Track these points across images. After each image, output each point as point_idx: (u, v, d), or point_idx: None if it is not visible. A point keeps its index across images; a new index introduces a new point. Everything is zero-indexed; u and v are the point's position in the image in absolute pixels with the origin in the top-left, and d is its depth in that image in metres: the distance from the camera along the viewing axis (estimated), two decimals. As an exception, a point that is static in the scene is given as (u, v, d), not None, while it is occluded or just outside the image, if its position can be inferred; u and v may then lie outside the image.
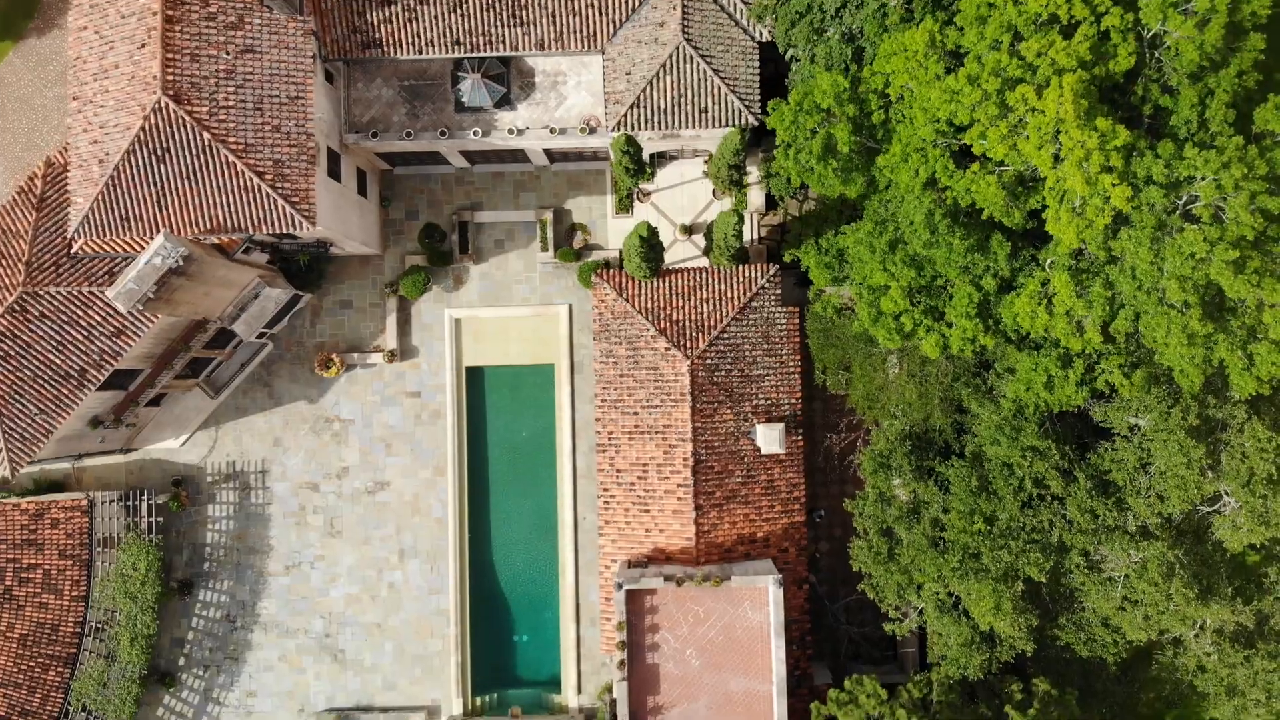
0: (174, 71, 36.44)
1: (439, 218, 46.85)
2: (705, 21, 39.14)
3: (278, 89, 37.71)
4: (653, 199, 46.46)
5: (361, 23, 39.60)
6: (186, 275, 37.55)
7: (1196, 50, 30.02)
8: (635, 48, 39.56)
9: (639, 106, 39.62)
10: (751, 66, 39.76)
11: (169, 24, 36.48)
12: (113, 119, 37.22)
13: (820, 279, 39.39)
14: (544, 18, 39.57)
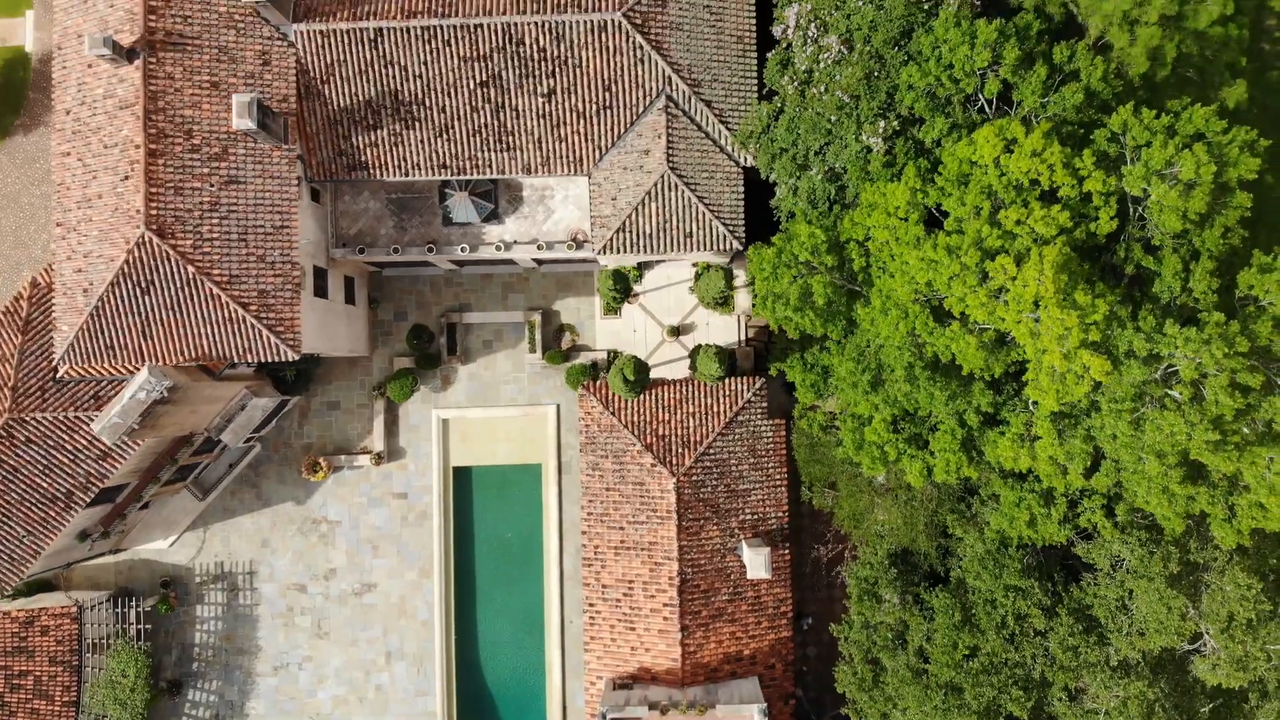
0: (157, 206, 36.40)
1: (427, 319, 46.88)
2: (690, 149, 39.10)
3: (263, 219, 37.68)
4: (640, 300, 46.48)
5: (347, 146, 39.52)
6: (172, 402, 37.66)
7: (1180, 219, 30.08)
8: (621, 174, 39.52)
9: (624, 231, 39.63)
10: (736, 192, 39.75)
11: (152, 157, 36.42)
12: (96, 249, 37.18)
13: (805, 397, 39.50)
14: (530, 143, 39.50)
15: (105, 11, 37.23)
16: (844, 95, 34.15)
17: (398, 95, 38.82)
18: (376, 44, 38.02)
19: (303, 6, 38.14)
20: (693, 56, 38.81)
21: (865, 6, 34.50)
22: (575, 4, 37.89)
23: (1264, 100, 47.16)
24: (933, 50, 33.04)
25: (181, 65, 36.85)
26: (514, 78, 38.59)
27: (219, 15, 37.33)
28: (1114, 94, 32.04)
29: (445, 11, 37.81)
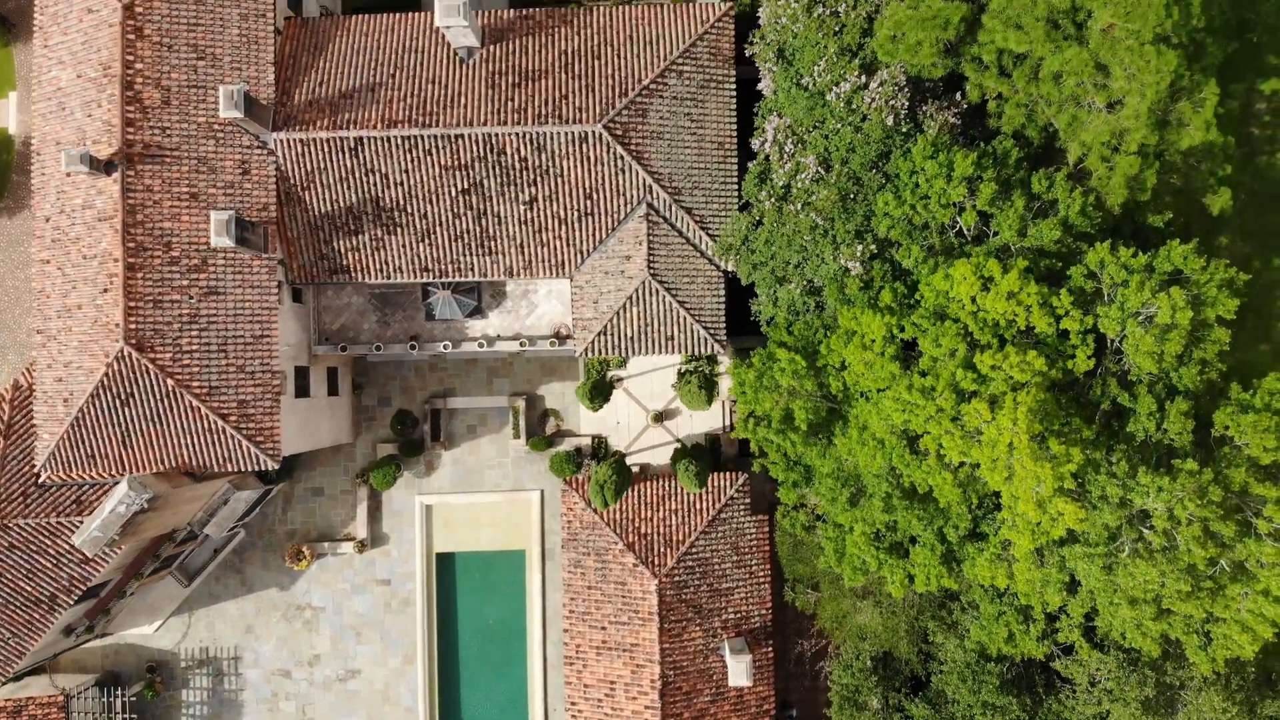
0: (136, 320, 36.38)
1: (412, 404, 46.88)
2: (671, 255, 39.05)
3: (242, 329, 37.65)
4: (625, 385, 46.47)
5: (329, 250, 39.45)
6: (153, 510, 37.69)
7: (1155, 362, 30.08)
8: (603, 278, 39.48)
9: (606, 334, 39.59)
10: (717, 295, 39.71)
11: (131, 272, 36.38)
12: (76, 360, 37.17)
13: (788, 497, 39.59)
14: (512, 248, 39.45)
15: (83, 121, 37.15)
16: (819, 218, 34.08)
17: (379, 201, 38.75)
18: (357, 152, 37.93)
19: (282, 115, 38.01)
20: (673, 165, 38.72)
21: (843, 129, 34.41)
22: (556, 116, 37.78)
23: (1251, 185, 47.24)
24: (910, 176, 32.97)
25: (160, 177, 36.77)
26: (495, 186, 38.51)
27: (198, 126, 37.23)
28: (1093, 225, 31.98)
29: (426, 122, 37.69)
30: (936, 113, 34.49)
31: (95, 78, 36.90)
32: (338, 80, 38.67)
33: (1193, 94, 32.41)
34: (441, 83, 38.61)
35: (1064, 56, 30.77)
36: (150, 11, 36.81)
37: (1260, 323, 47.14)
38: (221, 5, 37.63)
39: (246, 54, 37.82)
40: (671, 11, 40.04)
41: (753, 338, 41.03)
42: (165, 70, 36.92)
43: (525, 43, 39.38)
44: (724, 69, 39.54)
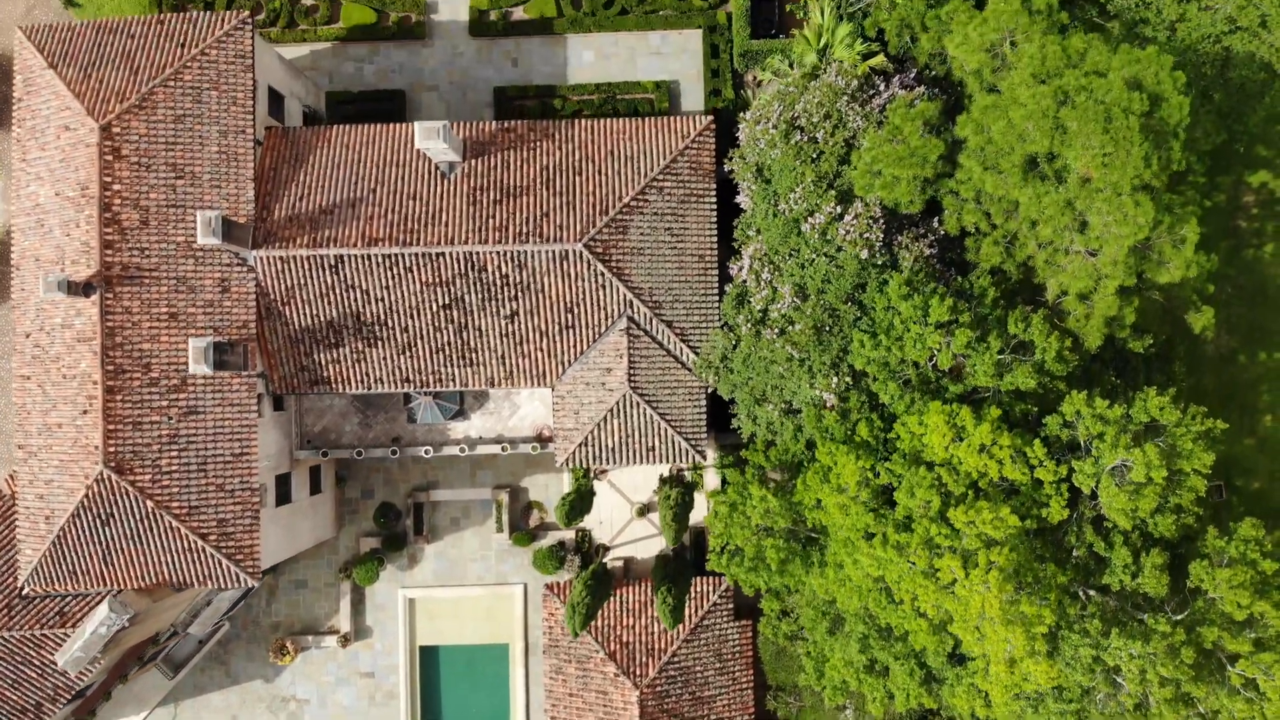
0: (116, 443, 36.38)
1: (395, 496, 46.91)
2: (651, 367, 39.03)
3: (222, 447, 37.65)
4: (609, 477, 46.48)
5: (309, 362, 39.43)
6: (135, 624, 37.83)
7: (1130, 519, 30.07)
8: (584, 389, 39.47)
9: (587, 445, 39.61)
10: (698, 406, 39.71)
11: (110, 394, 36.37)
12: (57, 479, 37.18)
13: (770, 606, 39.67)
14: (493, 360, 39.45)
15: (61, 240, 37.11)
16: (794, 351, 34.05)
17: (360, 316, 38.72)
18: (338, 269, 37.88)
19: (262, 231, 37.95)
20: (654, 279, 38.68)
21: (819, 260, 34.36)
22: (537, 234, 37.73)
23: (1238, 279, 47.18)
24: (885, 312, 32.93)
25: (139, 298, 36.74)
26: (477, 300, 38.49)
27: (177, 245, 37.19)
28: (1069, 369, 31.94)
29: (407, 240, 37.64)
30: (912, 243, 34.43)
31: (73, 197, 36.82)
32: (318, 194, 38.60)
33: (1174, 229, 32.28)
34: (423, 199, 38.54)
35: (1041, 204, 30.67)
36: (128, 131, 36.71)
37: (1245, 417, 47.16)
38: (200, 123, 37.54)
39: (226, 171, 37.74)
40: (653, 125, 39.94)
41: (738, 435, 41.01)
42: (143, 190, 36.86)
43: (507, 157, 39.30)
44: (704, 182, 39.46)
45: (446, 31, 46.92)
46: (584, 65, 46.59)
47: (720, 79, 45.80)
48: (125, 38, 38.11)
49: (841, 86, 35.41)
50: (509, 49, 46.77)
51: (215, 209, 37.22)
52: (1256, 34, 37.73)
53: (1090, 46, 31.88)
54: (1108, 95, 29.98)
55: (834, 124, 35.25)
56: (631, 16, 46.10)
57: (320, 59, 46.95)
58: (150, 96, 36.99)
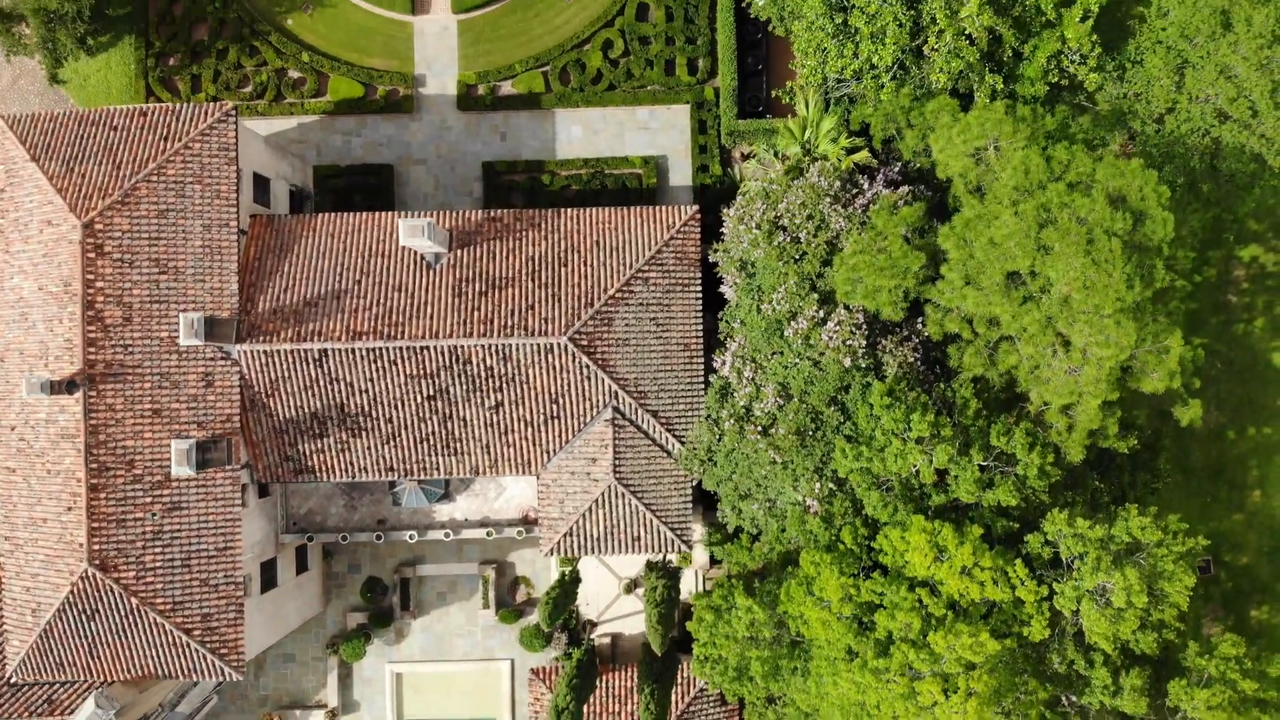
0: (100, 541, 36.37)
1: (381, 571, 46.88)
2: (637, 457, 38.98)
3: (206, 542, 37.64)
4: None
5: (293, 452, 39.39)
6: (122, 715, 37.85)
7: (1111, 643, 30.01)
8: (569, 478, 39.43)
9: (572, 535, 39.58)
10: (684, 495, 39.68)
11: (94, 492, 36.35)
12: (43, 573, 37.17)
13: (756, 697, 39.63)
14: (478, 449, 39.41)
15: (45, 335, 37.05)
16: (777, 456, 33.99)
17: (344, 407, 38.67)
18: (322, 363, 37.84)
19: (246, 325, 37.89)
20: (639, 369, 38.62)
21: (802, 363, 34.27)
22: (522, 327, 37.68)
23: (1228, 354, 47.09)
24: (867, 421, 32.86)
25: (122, 396, 36.70)
26: (461, 392, 38.45)
27: (160, 341, 37.14)
28: (1051, 483, 31.87)
29: (392, 333, 37.59)
30: (896, 347, 34.37)
31: (57, 293, 36.76)
32: (303, 285, 38.53)
33: (1158, 339, 32.19)
34: (408, 290, 38.48)
35: (1021, 322, 30.59)
36: (110, 228, 36.66)
37: (1234, 493, 47.11)
38: (183, 217, 37.48)
39: (210, 265, 37.68)
40: (638, 215, 39.87)
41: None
42: (126, 287, 36.80)
43: (493, 247, 39.23)
44: (690, 271, 39.40)
45: (434, 105, 46.82)
46: (572, 140, 46.50)
47: (708, 155, 45.74)
48: (108, 130, 38.02)
49: (825, 188, 35.33)
50: (497, 123, 46.67)
51: (198, 309, 37.16)
52: (1247, 125, 37.59)
53: (1074, 157, 31.78)
54: (1090, 213, 29.88)
55: (816, 224, 35.17)
56: (619, 92, 46.02)
57: (308, 132, 46.87)
58: (133, 192, 36.92)
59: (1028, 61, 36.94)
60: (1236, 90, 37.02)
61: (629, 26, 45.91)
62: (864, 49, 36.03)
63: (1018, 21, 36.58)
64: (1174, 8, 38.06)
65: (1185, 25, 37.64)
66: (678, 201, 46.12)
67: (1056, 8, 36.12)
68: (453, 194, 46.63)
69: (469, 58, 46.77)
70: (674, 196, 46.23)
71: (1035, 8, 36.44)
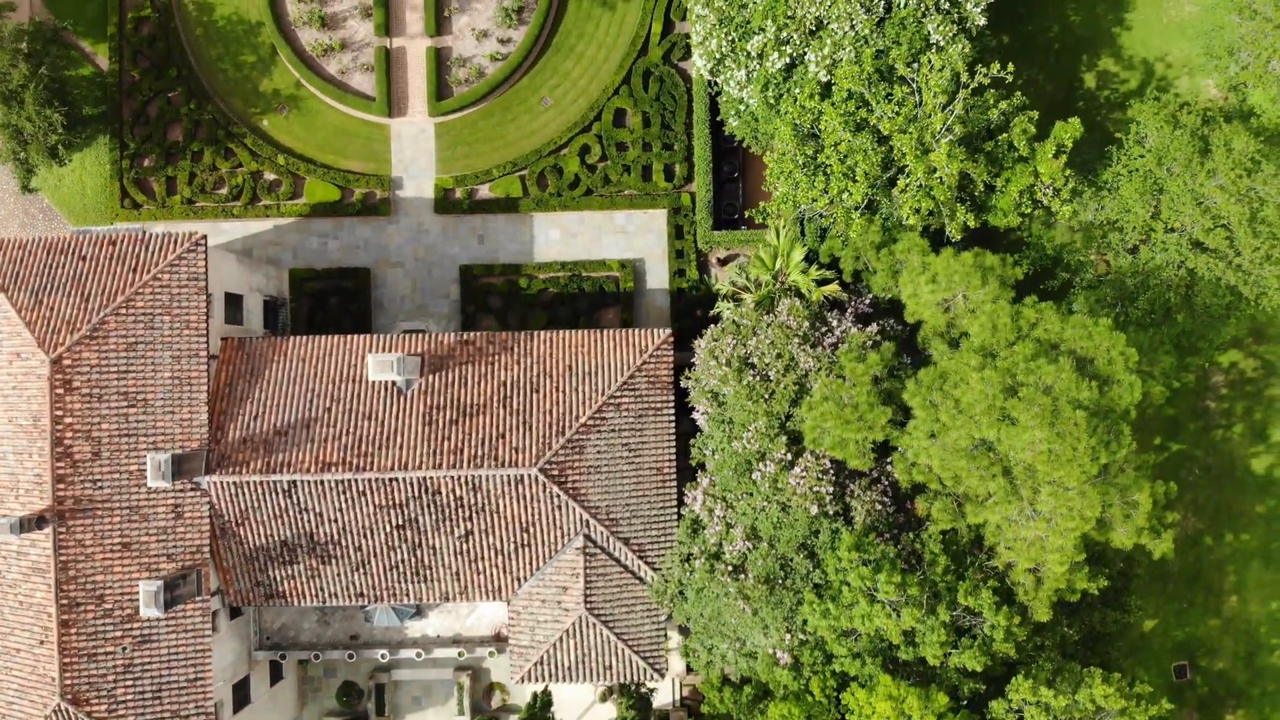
0: (71, 675, 36.36)
1: (357, 676, 46.78)
2: (608, 585, 38.93)
3: (176, 674, 37.63)
4: (573, 655, 46.33)
5: (264, 578, 39.34)
6: (90, 844, 37.85)
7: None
8: (539, 606, 39.39)
9: (543, 664, 39.53)
10: (656, 623, 39.61)
11: (65, 628, 36.33)
12: (18, 703, 37.15)
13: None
14: (448, 575, 39.37)
15: (15, 466, 36.98)
16: (746, 606, 33.94)
17: (313, 535, 38.63)
18: (291, 493, 37.78)
19: (216, 455, 37.82)
20: (611, 497, 38.56)
21: (771, 506, 34.20)
22: (492, 458, 37.61)
23: (1206, 460, 46.94)
24: (836, 573, 32.78)
25: (92, 530, 36.66)
26: (431, 521, 38.40)
27: (129, 475, 37.07)
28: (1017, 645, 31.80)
29: (361, 464, 37.53)
30: (864, 491, 34.29)
31: (26, 426, 36.68)
32: (273, 413, 38.45)
33: (1125, 494, 32.08)
34: (378, 418, 38.40)
35: (987, 486, 30.48)
36: (79, 363, 36.56)
37: (1211, 598, 47.02)
38: (152, 349, 37.38)
39: (179, 396, 37.60)
40: (611, 339, 39.77)
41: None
42: (95, 421, 36.72)
43: (465, 372, 39.14)
44: (663, 395, 39.31)
45: (412, 208, 46.68)
46: (550, 243, 46.37)
47: (685, 259, 45.63)
48: (76, 259, 37.91)
49: (794, 328, 35.20)
50: (475, 226, 46.55)
51: (167, 441, 37.11)
52: (1224, 256, 37.44)
53: (1042, 315, 31.67)
54: (1056, 381, 29.75)
55: (785, 364, 35.06)
56: (596, 197, 45.88)
57: (284, 234, 46.74)
58: (102, 325, 36.83)
59: (1000, 194, 36.74)
60: (1213, 221, 36.90)
61: (606, 132, 45.74)
62: (835, 184, 35.85)
63: (989, 156, 36.41)
64: (1152, 134, 37.90)
65: (1163, 152, 37.51)
66: (655, 304, 46.06)
67: (1030, 143, 35.92)
68: (430, 297, 46.52)
69: (446, 161, 46.60)
70: (651, 299, 46.14)
71: (1008, 144, 36.26)
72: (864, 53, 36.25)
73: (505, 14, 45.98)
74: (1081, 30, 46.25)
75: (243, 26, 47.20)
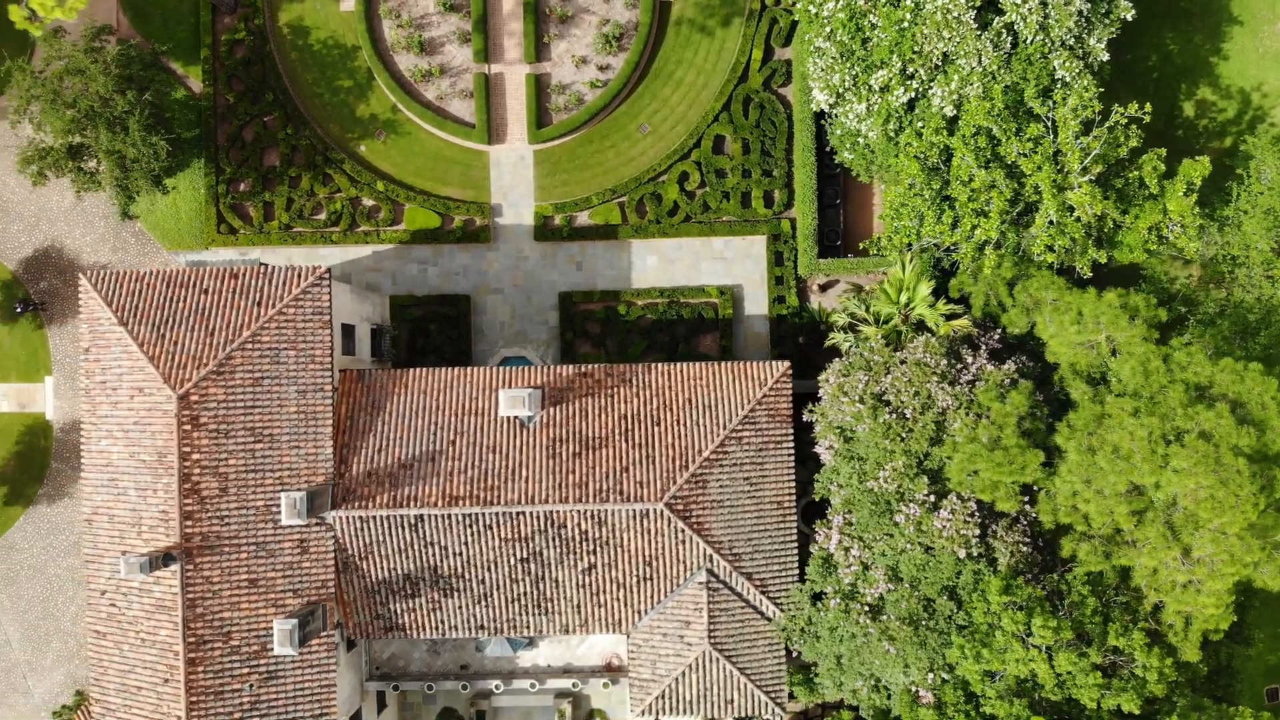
0: (198, 713, 36.17)
1: (457, 702, 46.68)
2: (731, 621, 38.91)
3: (301, 709, 37.48)
4: (671, 682, 46.33)
5: (385, 611, 39.20)
6: None
7: None
8: (660, 640, 39.33)
9: (664, 698, 39.48)
10: (777, 657, 39.60)
11: (191, 666, 36.13)
12: (137, 744, 36.98)
13: None
14: (569, 609, 39.28)
15: (137, 502, 36.75)
16: (890, 646, 33.94)
17: (437, 569, 38.49)
18: (417, 527, 37.64)
19: (340, 489, 37.65)
20: (733, 531, 38.52)
21: (914, 550, 34.21)
22: (617, 492, 37.54)
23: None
24: (985, 616, 32.82)
25: (219, 567, 36.46)
26: (555, 555, 38.30)
27: (256, 510, 36.87)
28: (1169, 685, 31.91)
29: (488, 498, 37.42)
30: (1006, 533, 34.32)
31: (149, 462, 36.44)
32: (396, 447, 38.29)
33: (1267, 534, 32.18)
34: (502, 451, 38.28)
35: (1145, 533, 30.57)
36: (206, 399, 36.32)
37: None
38: (278, 384, 37.16)
39: (304, 430, 37.40)
40: (731, 371, 39.72)
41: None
42: (222, 457, 36.49)
43: (585, 405, 39.02)
44: (782, 428, 39.28)
45: (511, 235, 46.50)
46: (647, 269, 46.25)
47: (784, 286, 45.59)
48: (198, 293, 37.62)
49: (931, 365, 35.19)
50: (574, 253, 46.39)
51: (293, 476, 36.92)
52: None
53: (1192, 359, 31.74)
54: (1216, 428, 29.83)
55: (923, 402, 35.05)
56: (694, 223, 45.78)
57: (383, 260, 46.51)
58: (228, 361, 36.57)
59: (1128, 230, 36.82)
60: (1337, 256, 37.09)
61: (705, 159, 45.65)
62: (966, 222, 35.84)
63: (1120, 193, 36.48)
64: (1273, 171, 38.04)
65: (1280, 187, 37.67)
66: (753, 330, 46.01)
67: (1160, 180, 35.99)
68: (529, 323, 46.36)
69: (545, 188, 46.43)
70: (749, 325, 46.09)
71: (1139, 180, 36.33)
72: (992, 88, 36.24)
73: (605, 40, 45.79)
74: (1180, 60, 46.33)
75: (339, 51, 46.90)
